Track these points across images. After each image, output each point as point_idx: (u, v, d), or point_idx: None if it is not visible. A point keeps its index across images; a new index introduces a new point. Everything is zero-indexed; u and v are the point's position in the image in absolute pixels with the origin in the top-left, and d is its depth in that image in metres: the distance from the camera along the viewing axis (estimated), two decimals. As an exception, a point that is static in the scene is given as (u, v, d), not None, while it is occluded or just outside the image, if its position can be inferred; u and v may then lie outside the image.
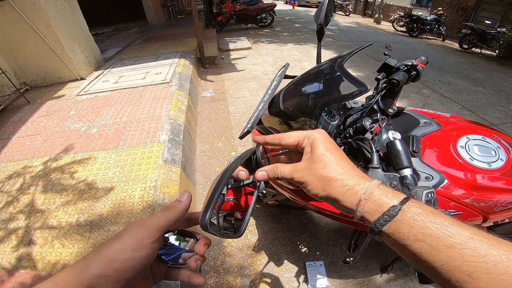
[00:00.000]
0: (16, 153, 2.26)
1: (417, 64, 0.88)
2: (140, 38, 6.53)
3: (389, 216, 0.29)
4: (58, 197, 1.74)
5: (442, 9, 8.93)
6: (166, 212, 0.33)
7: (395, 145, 0.66)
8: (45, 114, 2.89)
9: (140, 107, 2.75)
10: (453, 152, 0.79)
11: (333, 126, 0.83)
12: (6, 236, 1.54)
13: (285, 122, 0.85)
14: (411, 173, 0.63)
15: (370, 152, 0.66)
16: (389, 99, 0.88)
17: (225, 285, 1.51)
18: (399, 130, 0.88)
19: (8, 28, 3.31)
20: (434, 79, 4.53)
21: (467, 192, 0.73)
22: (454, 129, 0.88)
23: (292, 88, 0.90)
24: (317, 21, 1.00)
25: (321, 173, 0.33)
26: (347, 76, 0.76)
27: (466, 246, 0.25)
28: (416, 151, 0.81)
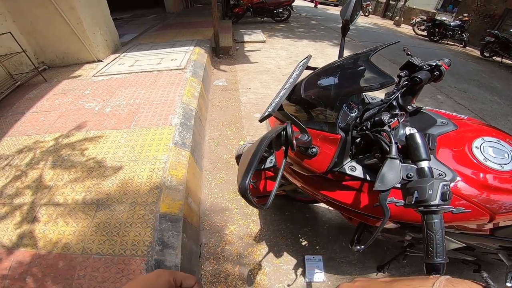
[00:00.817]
0: (29, 128, 2.30)
1: (441, 65, 0.90)
2: (157, 25, 6.55)
3: None
4: (66, 174, 1.76)
5: (468, 15, 8.67)
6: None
7: (414, 138, 0.68)
8: (61, 92, 2.93)
9: (154, 91, 2.76)
10: (467, 152, 0.81)
11: (351, 117, 0.86)
12: (11, 212, 1.55)
13: (304, 110, 0.88)
14: (428, 165, 0.65)
15: (389, 143, 0.69)
16: (409, 96, 0.91)
17: (223, 272, 1.52)
18: (416, 128, 0.91)
19: (34, 9, 3.36)
20: (450, 85, 4.43)
21: (478, 191, 0.75)
22: (470, 130, 0.90)
23: (315, 78, 0.92)
24: (343, 17, 1.03)
25: None
26: (374, 69, 0.78)
27: None
28: (431, 149, 0.82)
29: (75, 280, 1.21)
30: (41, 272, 1.25)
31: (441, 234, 0.55)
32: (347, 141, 0.83)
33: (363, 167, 0.84)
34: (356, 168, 0.84)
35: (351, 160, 0.86)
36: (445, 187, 0.57)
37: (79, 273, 1.24)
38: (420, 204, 0.58)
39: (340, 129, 0.79)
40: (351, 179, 0.86)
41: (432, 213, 0.56)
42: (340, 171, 0.84)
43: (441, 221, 0.55)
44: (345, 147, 0.83)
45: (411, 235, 1.04)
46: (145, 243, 1.34)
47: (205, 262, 1.56)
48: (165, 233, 1.39)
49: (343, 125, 0.82)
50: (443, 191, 0.56)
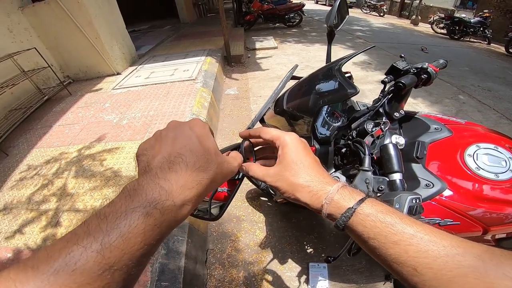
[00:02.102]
0: (56, 140, 2.52)
1: (428, 67, 0.85)
2: (172, 35, 6.83)
3: (345, 217, 0.32)
4: (87, 182, 1.92)
5: (488, 11, 8.26)
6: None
7: (387, 149, 0.67)
8: (84, 106, 3.17)
9: (167, 102, 2.91)
10: (459, 161, 0.76)
11: (334, 127, 0.84)
12: (37, 216, 1.71)
13: (287, 122, 0.88)
14: (400, 177, 0.63)
15: (363, 154, 0.67)
16: (396, 103, 0.87)
17: (228, 277, 1.57)
18: (407, 135, 0.86)
19: (55, 24, 3.61)
20: (473, 84, 4.20)
21: (469, 202, 0.71)
22: (465, 136, 0.84)
23: (296, 89, 0.92)
24: (327, 23, 1.01)
25: (291, 180, 0.36)
26: (341, 78, 0.77)
27: (409, 242, 0.27)
28: (420, 157, 0.79)
29: None
30: None
31: None
32: (329, 151, 0.82)
33: (347, 178, 0.82)
34: (340, 178, 0.82)
35: (335, 171, 0.85)
36: (414, 201, 0.55)
37: None
38: None
39: (316, 141, 0.79)
40: None
41: None
42: None
43: None
44: (327, 158, 0.82)
45: None
46: (152, 247, 1.44)
47: (211, 267, 1.63)
48: (170, 238, 1.48)
49: (324, 136, 0.81)
50: (411, 205, 0.55)
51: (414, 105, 3.40)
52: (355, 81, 0.95)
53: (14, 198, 1.91)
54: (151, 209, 0.24)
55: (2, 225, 1.72)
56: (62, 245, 0.21)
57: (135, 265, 0.23)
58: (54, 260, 0.20)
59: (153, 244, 0.25)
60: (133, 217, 0.23)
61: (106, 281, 0.21)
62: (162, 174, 0.27)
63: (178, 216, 0.27)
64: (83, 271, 0.20)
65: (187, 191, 0.28)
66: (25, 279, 0.19)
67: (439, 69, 0.90)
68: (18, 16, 3.45)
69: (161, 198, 0.25)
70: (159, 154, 0.29)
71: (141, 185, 0.26)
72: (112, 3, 4.26)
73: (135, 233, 0.23)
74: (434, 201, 0.73)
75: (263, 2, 8.13)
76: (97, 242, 0.21)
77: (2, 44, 3.17)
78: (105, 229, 0.22)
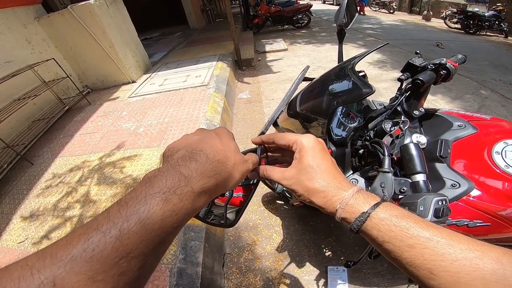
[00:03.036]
0: (78, 149, 2.63)
1: (446, 63, 0.82)
2: (182, 42, 6.98)
3: (359, 222, 0.32)
4: (108, 189, 1.98)
5: (502, 4, 7.95)
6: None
7: (408, 149, 0.65)
8: (103, 114, 3.29)
9: (181, 109, 2.97)
10: (486, 158, 0.72)
11: (350, 128, 0.82)
12: (63, 223, 1.79)
13: (301, 124, 0.87)
14: (423, 178, 0.61)
15: (383, 155, 0.65)
16: (414, 100, 0.84)
17: (245, 282, 1.57)
18: (429, 134, 0.83)
19: (71, 34, 3.75)
20: (495, 78, 4.04)
21: (499, 202, 0.67)
22: (492, 133, 0.80)
23: (308, 90, 0.91)
24: (336, 22, 0.99)
25: (307, 185, 0.37)
26: (355, 78, 0.75)
27: (425, 246, 0.27)
28: (444, 156, 0.75)
29: None
30: None
31: None
32: (346, 153, 0.80)
33: (366, 180, 0.80)
34: (358, 181, 0.81)
35: (353, 173, 0.83)
36: (440, 203, 0.53)
37: None
38: None
39: (332, 143, 0.78)
40: None
41: None
42: None
43: None
44: (344, 160, 0.81)
45: None
46: (170, 252, 1.47)
47: (228, 271, 1.64)
48: (188, 242, 1.51)
49: (340, 137, 0.80)
50: (437, 207, 0.52)
51: (434, 101, 3.30)
52: (370, 79, 0.92)
53: (41, 205, 2.01)
54: (170, 195, 0.25)
55: (29, 231, 1.80)
56: (82, 231, 0.21)
57: (152, 254, 0.24)
58: (73, 246, 0.20)
59: (170, 231, 0.25)
60: (152, 203, 0.24)
61: (122, 269, 0.21)
62: (183, 162, 0.28)
63: (196, 205, 0.28)
64: (101, 257, 0.20)
65: (206, 179, 0.28)
66: (42, 266, 0.19)
67: (458, 64, 0.86)
68: (35, 27, 3.61)
69: (180, 184, 0.26)
70: (182, 148, 0.31)
71: (162, 171, 0.27)
72: (123, 12, 4.35)
73: (153, 219, 0.23)
74: (461, 201, 0.70)
75: (270, 5, 8.16)
76: (116, 228, 0.22)
77: (22, 55, 3.34)
78: (124, 215, 0.23)
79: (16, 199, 2.16)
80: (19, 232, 1.83)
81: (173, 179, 0.26)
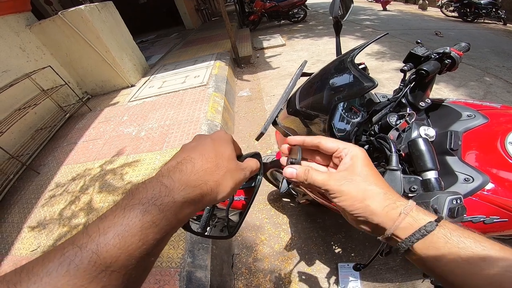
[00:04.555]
0: (82, 156, 2.63)
1: (451, 51, 0.79)
2: (179, 43, 6.94)
3: (426, 231, 0.29)
4: (111, 196, 1.99)
5: None
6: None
7: (416, 144, 0.61)
8: (104, 120, 3.29)
9: (181, 110, 2.96)
10: (500, 149, 0.68)
11: (353, 124, 0.79)
12: (70, 231, 1.80)
13: (302, 122, 0.84)
14: (435, 176, 0.58)
15: (389, 152, 0.62)
16: (420, 91, 0.81)
17: (255, 282, 1.57)
18: (437, 126, 0.80)
19: (65, 41, 3.72)
20: (498, 65, 3.98)
21: None
22: (504, 122, 0.76)
23: (307, 86, 0.88)
24: (332, 14, 0.96)
25: (363, 185, 0.33)
26: (355, 71, 0.72)
27: (498, 272, 0.25)
28: (454, 149, 0.72)
29: None
30: None
31: None
32: None
33: None
34: None
35: None
36: (455, 202, 0.50)
37: None
38: None
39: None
40: None
41: None
42: None
43: None
44: None
45: None
46: (178, 256, 1.47)
47: (238, 272, 1.64)
48: (195, 245, 1.51)
49: (343, 134, 0.77)
50: (451, 206, 0.49)
51: (438, 90, 3.26)
52: (371, 71, 0.90)
53: (48, 214, 2.02)
54: (149, 206, 0.24)
55: (40, 239, 1.82)
56: (60, 247, 0.21)
57: (135, 267, 0.23)
58: (49, 261, 0.20)
59: (153, 244, 0.24)
60: (131, 215, 0.23)
61: (102, 283, 0.20)
62: (167, 173, 0.28)
63: (180, 215, 0.27)
64: (77, 271, 0.20)
65: (190, 189, 0.27)
66: (18, 281, 0.19)
67: (463, 52, 0.83)
68: (28, 35, 3.58)
69: (160, 194, 0.25)
70: (172, 159, 0.30)
71: (144, 183, 0.27)
72: (116, 16, 4.30)
73: (132, 232, 0.23)
74: (475, 196, 0.66)
75: (265, 1, 8.06)
76: (93, 242, 0.21)
77: (18, 63, 3.32)
78: (102, 228, 0.22)
79: (25, 208, 2.19)
80: (31, 241, 1.85)
81: (154, 190, 0.25)
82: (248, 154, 0.55)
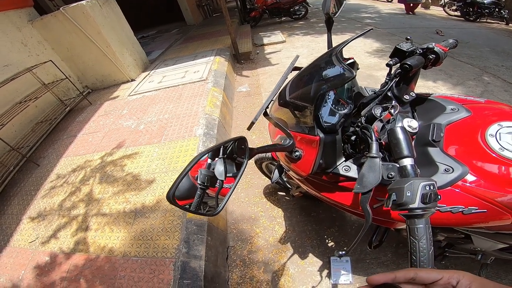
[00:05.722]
0: (81, 149, 2.66)
1: (434, 47, 0.81)
2: (180, 38, 6.93)
3: None
4: (111, 187, 2.02)
5: None
6: None
7: (394, 133, 0.63)
8: (104, 114, 3.32)
9: (180, 104, 2.98)
10: (480, 141, 0.70)
11: (340, 115, 0.82)
12: (69, 222, 1.84)
13: (292, 113, 0.86)
14: (411, 163, 0.59)
15: (370, 140, 0.64)
16: (404, 85, 0.84)
17: (249, 274, 1.60)
18: (422, 118, 0.83)
19: (66, 36, 3.74)
20: (497, 64, 3.97)
21: (495, 187, 0.65)
22: (486, 115, 0.78)
23: (297, 79, 0.90)
24: (324, 10, 0.99)
25: None
26: (338, 63, 0.75)
27: None
28: (437, 140, 0.75)
29: (117, 280, 1.42)
30: (91, 274, 1.49)
31: (425, 241, 0.50)
32: (337, 140, 0.80)
33: (358, 167, 0.80)
34: (351, 168, 0.80)
35: (345, 160, 0.83)
36: (428, 188, 0.51)
37: (120, 273, 1.45)
38: (399, 207, 0.53)
39: (320, 130, 0.77)
40: (348, 180, 0.82)
41: (415, 217, 0.51)
42: (334, 172, 0.82)
43: (426, 226, 0.51)
44: (335, 147, 0.80)
45: (444, 235, 0.96)
46: (173, 246, 1.50)
47: (232, 264, 1.67)
48: (190, 236, 1.54)
49: (330, 124, 0.79)
50: (424, 192, 0.51)
51: (435, 88, 3.26)
52: (370, 68, 0.93)
53: (48, 205, 2.05)
54: None
55: (39, 231, 1.86)
56: None
57: None
58: None
59: None
60: None
61: None
62: None
63: None
64: None
65: None
66: None
67: (448, 48, 0.86)
68: (30, 30, 3.61)
69: None
70: None
71: None
72: (117, 11, 4.31)
73: None
74: (455, 187, 0.68)
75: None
76: None
77: (19, 58, 3.36)
78: None
79: (24, 200, 2.22)
80: (30, 232, 1.88)
81: None
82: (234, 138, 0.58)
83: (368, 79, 3.55)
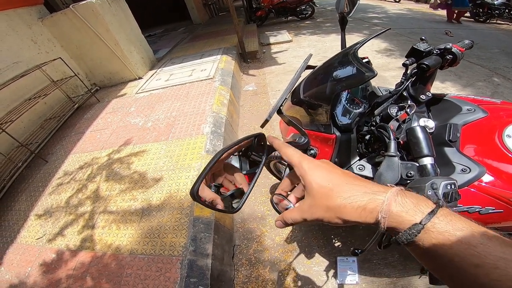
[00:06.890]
0: (89, 146, 2.68)
1: (452, 47, 0.81)
2: (186, 37, 6.95)
3: (410, 235, 0.27)
4: (118, 185, 2.03)
5: None
6: None
7: (414, 132, 0.63)
8: (111, 111, 3.34)
9: (188, 102, 2.99)
10: (497, 142, 0.69)
11: (355, 114, 0.82)
12: (76, 219, 1.85)
13: (306, 111, 0.87)
14: (431, 162, 0.59)
15: (388, 139, 0.64)
16: (421, 85, 0.84)
17: (255, 273, 1.59)
18: (438, 119, 0.82)
19: (75, 34, 3.79)
20: (507, 66, 3.91)
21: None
22: (502, 116, 0.77)
23: (311, 77, 0.91)
24: (338, 10, 1.00)
25: (327, 205, 0.32)
26: (357, 63, 0.75)
27: (495, 265, 0.23)
28: (453, 141, 0.74)
29: (124, 277, 1.42)
30: (98, 271, 1.49)
31: None
32: (352, 139, 0.80)
33: (372, 166, 0.79)
34: (365, 167, 0.80)
35: (359, 159, 0.83)
36: (449, 187, 0.50)
37: (127, 271, 1.45)
38: None
39: (336, 128, 0.77)
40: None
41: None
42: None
43: None
44: (349, 146, 0.80)
45: None
46: (180, 244, 1.50)
47: (238, 263, 1.67)
48: (198, 234, 1.54)
49: (345, 123, 0.79)
50: (446, 191, 0.50)
51: (444, 89, 3.22)
52: (377, 68, 0.92)
53: (55, 202, 2.07)
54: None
55: (46, 228, 1.87)
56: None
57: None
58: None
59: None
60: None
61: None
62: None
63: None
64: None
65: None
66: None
67: (464, 49, 0.85)
68: (40, 28, 3.65)
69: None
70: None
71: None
72: (126, 10, 4.34)
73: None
74: (472, 187, 0.68)
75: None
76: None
77: (29, 55, 3.40)
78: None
79: (32, 196, 2.24)
80: (37, 229, 1.90)
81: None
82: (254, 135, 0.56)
83: (376, 79, 3.52)
